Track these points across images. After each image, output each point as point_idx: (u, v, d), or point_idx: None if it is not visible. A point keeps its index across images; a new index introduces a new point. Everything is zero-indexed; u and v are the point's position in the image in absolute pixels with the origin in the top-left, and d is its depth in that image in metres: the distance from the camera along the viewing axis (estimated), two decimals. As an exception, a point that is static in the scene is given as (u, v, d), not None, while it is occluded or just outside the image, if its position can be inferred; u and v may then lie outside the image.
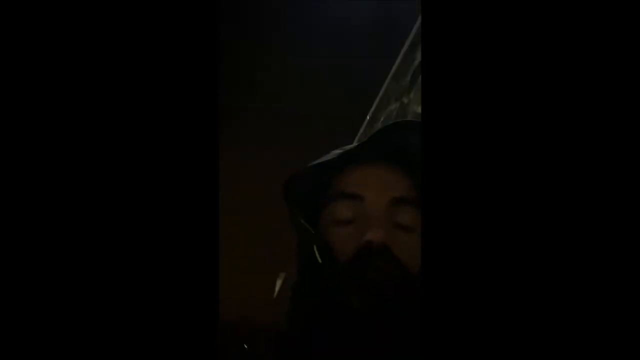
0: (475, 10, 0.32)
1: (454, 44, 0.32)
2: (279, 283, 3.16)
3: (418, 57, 1.56)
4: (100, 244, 0.31)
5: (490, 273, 0.29)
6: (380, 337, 0.40)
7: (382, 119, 1.77)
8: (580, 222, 0.29)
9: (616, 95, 0.29)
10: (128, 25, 0.34)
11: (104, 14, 0.33)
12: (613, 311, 0.27)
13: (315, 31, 1.70)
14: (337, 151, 0.50)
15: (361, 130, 1.94)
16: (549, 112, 0.30)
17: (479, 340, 0.29)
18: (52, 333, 0.30)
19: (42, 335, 0.30)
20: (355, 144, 0.49)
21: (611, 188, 0.29)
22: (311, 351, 0.42)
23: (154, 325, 0.31)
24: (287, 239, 0.54)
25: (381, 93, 1.81)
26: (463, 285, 0.30)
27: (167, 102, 0.34)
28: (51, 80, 0.32)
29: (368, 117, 1.88)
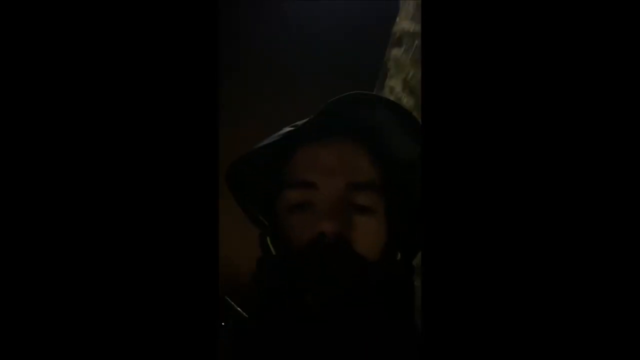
0: (476, 10, 0.32)
1: (454, 44, 0.32)
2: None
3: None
4: (99, 242, 0.31)
5: (490, 275, 0.30)
6: (337, 332, 0.38)
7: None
8: (580, 222, 0.29)
9: (616, 95, 0.29)
10: (127, 24, 0.34)
11: (102, 11, 0.33)
12: (613, 311, 0.27)
13: (319, 32, 1.70)
14: (287, 129, 0.46)
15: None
16: (549, 113, 0.30)
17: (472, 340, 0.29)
18: (54, 320, 0.30)
19: (40, 331, 0.30)
20: (305, 119, 0.45)
21: (611, 188, 0.29)
22: (269, 347, 0.40)
23: (152, 315, 0.31)
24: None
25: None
26: (462, 285, 0.30)
27: (167, 101, 0.34)
28: (51, 80, 0.32)
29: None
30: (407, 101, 1.42)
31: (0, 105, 0.31)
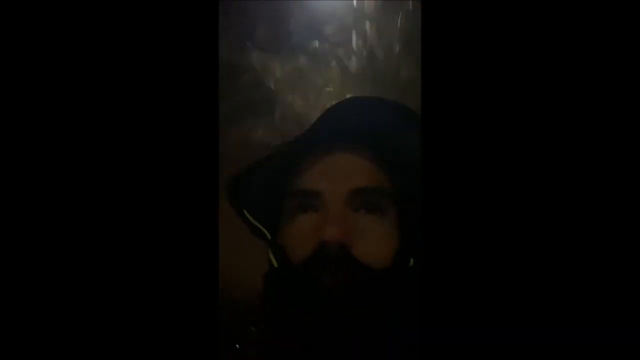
0: (475, 10, 0.32)
1: (454, 43, 0.32)
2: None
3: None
4: (98, 245, 0.31)
5: (490, 275, 0.30)
6: (337, 342, 0.37)
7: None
8: (580, 221, 0.29)
9: (616, 95, 0.29)
10: (127, 22, 0.33)
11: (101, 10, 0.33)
12: (613, 311, 0.28)
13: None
14: (288, 139, 0.45)
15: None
16: (548, 112, 0.30)
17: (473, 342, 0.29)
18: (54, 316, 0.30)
19: (40, 332, 0.30)
20: (306, 128, 0.44)
21: (611, 188, 0.29)
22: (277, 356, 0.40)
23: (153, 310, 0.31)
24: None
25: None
26: (462, 285, 0.30)
27: (168, 101, 0.33)
28: (51, 80, 0.32)
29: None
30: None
31: (1, 106, 0.31)
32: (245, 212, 0.45)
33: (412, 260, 0.41)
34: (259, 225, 0.45)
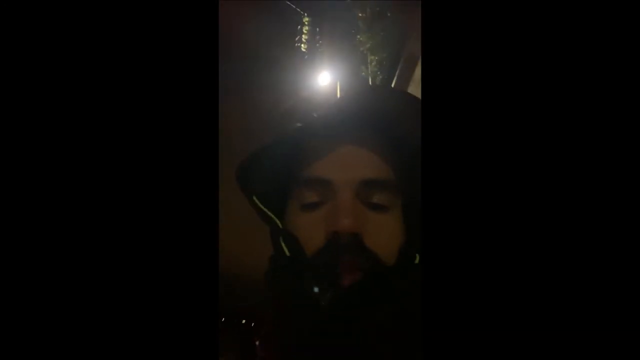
0: (475, 9, 0.32)
1: (454, 43, 0.32)
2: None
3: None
4: (97, 243, 0.31)
5: (490, 273, 0.29)
6: (353, 334, 0.37)
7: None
8: (579, 220, 0.29)
9: (616, 94, 0.29)
10: (127, 20, 0.33)
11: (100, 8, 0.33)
12: (612, 311, 0.27)
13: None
14: (299, 124, 0.44)
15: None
16: (549, 112, 0.30)
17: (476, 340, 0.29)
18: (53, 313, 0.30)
19: (37, 330, 0.30)
20: (316, 115, 0.44)
21: (611, 187, 0.29)
22: (285, 346, 0.39)
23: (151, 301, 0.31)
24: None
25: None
26: (463, 281, 0.30)
27: (166, 100, 0.33)
28: (50, 78, 0.32)
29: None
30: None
31: (1, 105, 0.31)
32: (255, 198, 0.45)
33: (417, 257, 0.41)
34: (269, 213, 0.45)
